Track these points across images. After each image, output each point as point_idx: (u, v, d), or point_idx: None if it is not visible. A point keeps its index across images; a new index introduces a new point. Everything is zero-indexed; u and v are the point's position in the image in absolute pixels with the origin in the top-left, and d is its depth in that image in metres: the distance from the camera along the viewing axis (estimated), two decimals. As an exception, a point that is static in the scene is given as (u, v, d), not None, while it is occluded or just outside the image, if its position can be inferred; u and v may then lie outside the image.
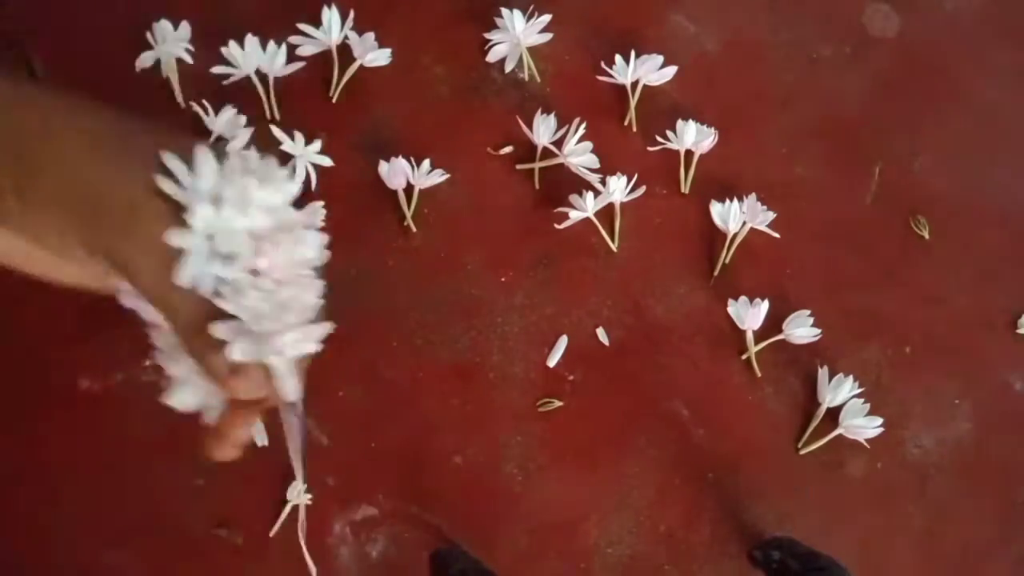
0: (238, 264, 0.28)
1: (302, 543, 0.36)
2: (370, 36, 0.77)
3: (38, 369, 0.69)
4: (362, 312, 0.71)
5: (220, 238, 0.28)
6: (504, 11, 0.77)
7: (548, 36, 0.79)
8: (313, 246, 0.31)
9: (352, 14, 0.77)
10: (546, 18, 0.78)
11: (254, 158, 0.29)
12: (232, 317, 0.29)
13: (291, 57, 0.76)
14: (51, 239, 0.28)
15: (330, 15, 0.76)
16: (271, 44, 0.75)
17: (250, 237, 0.28)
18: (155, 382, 0.69)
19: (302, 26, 0.76)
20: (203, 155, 0.27)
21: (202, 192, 0.28)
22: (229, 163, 0.28)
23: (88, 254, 0.28)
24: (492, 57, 0.78)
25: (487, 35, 0.78)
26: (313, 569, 0.37)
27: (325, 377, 0.70)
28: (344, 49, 0.77)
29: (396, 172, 0.73)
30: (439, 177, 0.74)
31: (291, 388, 0.32)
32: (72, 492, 0.67)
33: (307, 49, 0.77)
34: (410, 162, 0.73)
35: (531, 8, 0.78)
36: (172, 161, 0.27)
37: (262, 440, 0.68)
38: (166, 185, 0.27)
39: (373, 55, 0.77)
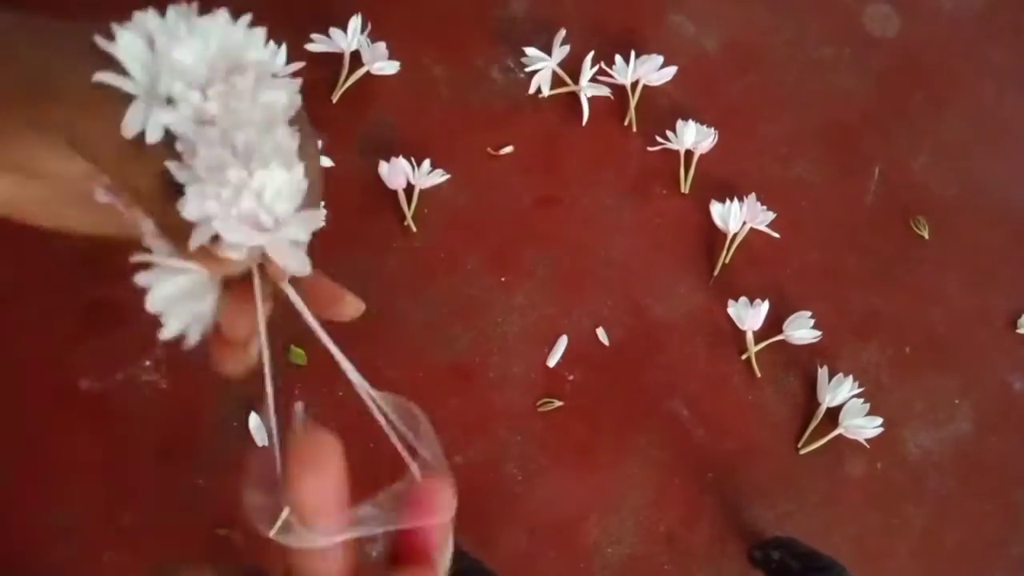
0: (184, 108, 0.24)
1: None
2: (381, 45, 0.77)
3: (38, 369, 0.69)
4: (362, 313, 0.71)
5: (161, 79, 0.24)
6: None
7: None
8: (282, 89, 0.25)
9: (359, 18, 0.77)
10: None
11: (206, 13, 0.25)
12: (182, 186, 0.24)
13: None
14: (13, 150, 0.26)
15: (355, 23, 0.76)
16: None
17: (201, 81, 0.24)
18: (155, 382, 0.69)
19: (317, 36, 0.76)
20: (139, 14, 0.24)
21: (126, 39, 0.23)
22: (171, 8, 0.24)
23: (49, 150, 0.26)
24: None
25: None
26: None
27: (325, 377, 0.70)
28: (352, 53, 0.77)
29: (396, 172, 0.73)
30: (439, 177, 0.74)
31: (292, 257, 0.26)
32: (72, 492, 0.67)
33: (317, 47, 0.77)
34: (410, 162, 0.73)
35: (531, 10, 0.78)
36: (114, 25, 0.24)
37: (262, 440, 0.69)
38: (101, 41, 0.24)
39: (382, 64, 0.77)
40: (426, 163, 0.74)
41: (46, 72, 0.25)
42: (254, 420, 0.69)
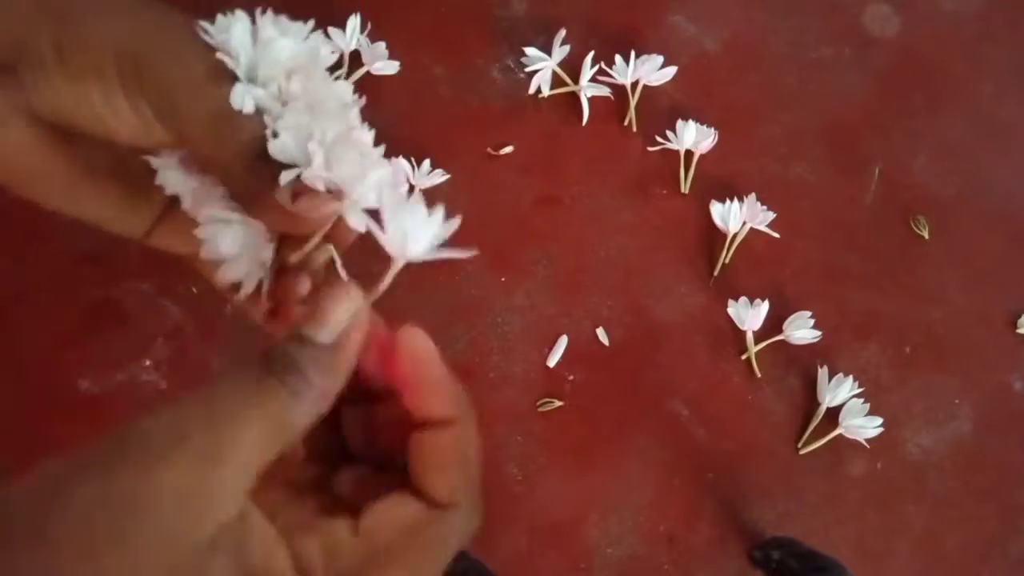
0: (272, 89, 0.29)
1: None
2: (381, 45, 0.77)
3: (38, 369, 0.69)
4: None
5: (260, 69, 0.29)
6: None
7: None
8: (343, 85, 0.32)
9: (358, 18, 0.77)
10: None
11: (283, 18, 0.32)
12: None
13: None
14: (92, 93, 0.27)
15: (354, 23, 0.76)
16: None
17: (285, 70, 0.30)
18: (155, 382, 0.69)
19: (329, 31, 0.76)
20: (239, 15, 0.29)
21: (243, 30, 0.29)
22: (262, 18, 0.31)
23: (130, 103, 0.28)
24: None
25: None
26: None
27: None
28: (352, 53, 0.77)
29: (396, 172, 0.73)
30: (439, 177, 0.74)
31: (360, 218, 0.31)
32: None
33: None
34: (410, 162, 0.73)
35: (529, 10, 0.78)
36: (220, 17, 0.29)
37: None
38: (210, 28, 0.29)
39: (381, 64, 0.77)
40: (426, 163, 0.74)
41: (151, 38, 0.27)
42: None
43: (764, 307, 0.72)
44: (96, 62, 0.27)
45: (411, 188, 0.30)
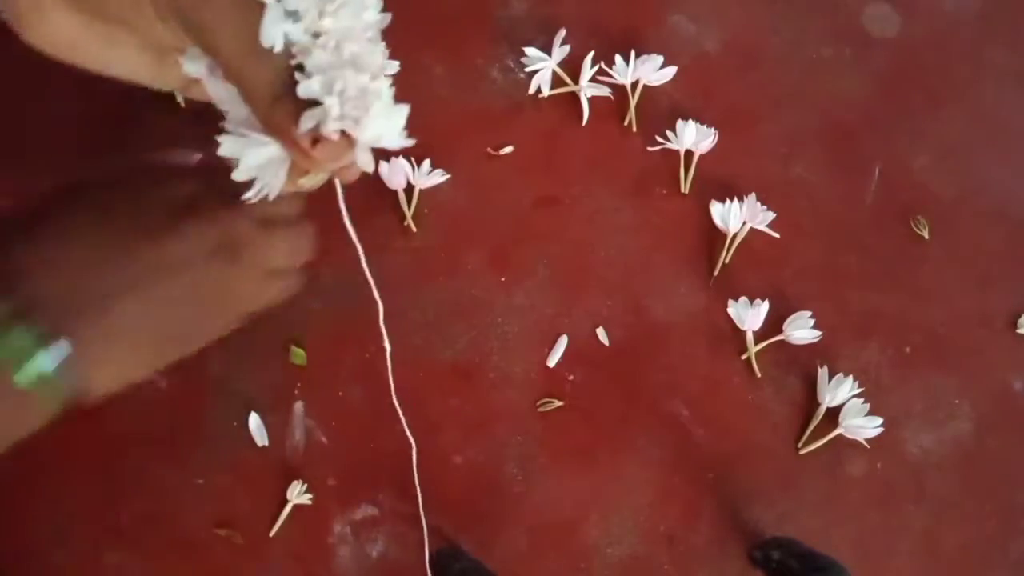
0: (304, 23, 0.29)
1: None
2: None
3: (38, 369, 0.69)
4: (362, 312, 0.71)
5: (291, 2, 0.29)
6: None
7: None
8: (373, 8, 0.32)
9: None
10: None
11: None
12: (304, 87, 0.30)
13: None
14: (125, 4, 0.30)
15: None
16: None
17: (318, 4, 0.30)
18: (155, 382, 0.69)
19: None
20: None
21: None
22: None
23: (162, 18, 0.30)
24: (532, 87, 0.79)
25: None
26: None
27: (325, 377, 0.70)
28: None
29: (396, 172, 0.73)
30: (439, 177, 0.74)
31: (368, 157, 0.33)
32: (71, 492, 0.67)
33: None
34: (410, 162, 0.73)
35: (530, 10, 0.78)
36: None
37: (262, 440, 0.69)
38: None
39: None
40: (426, 163, 0.74)
41: None
42: (254, 420, 0.69)
43: (764, 307, 0.72)
44: None
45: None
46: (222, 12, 0.28)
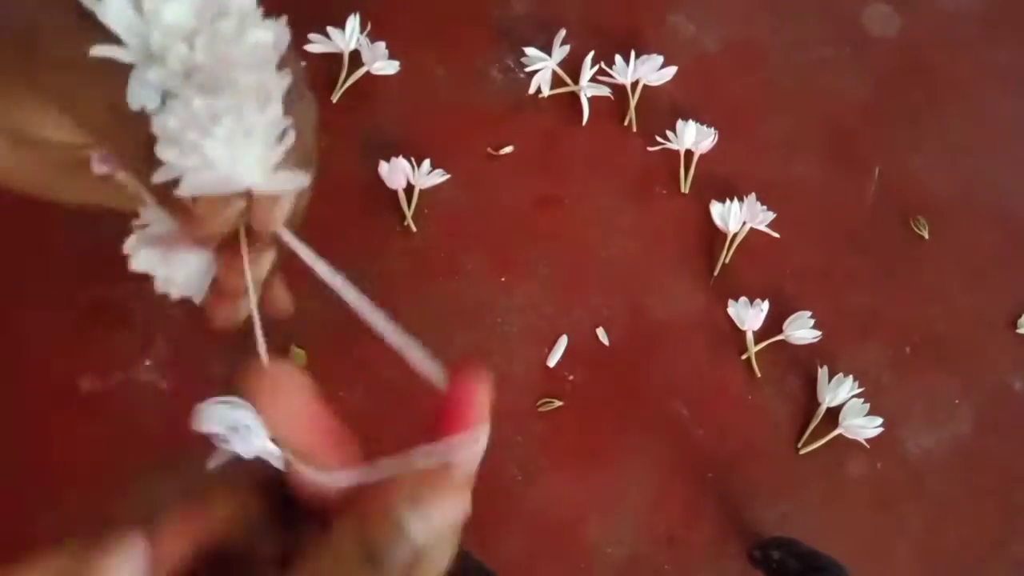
0: (171, 61, 0.24)
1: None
2: (381, 45, 0.77)
3: (38, 369, 0.69)
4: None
5: (152, 39, 0.23)
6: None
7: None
8: (270, 29, 0.25)
9: (358, 18, 0.77)
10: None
11: None
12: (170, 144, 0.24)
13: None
14: (4, 112, 0.26)
15: (353, 23, 0.76)
16: None
17: (184, 33, 0.24)
18: (155, 382, 0.69)
19: (315, 36, 0.76)
20: None
21: (114, 2, 0.23)
22: None
23: (41, 114, 0.25)
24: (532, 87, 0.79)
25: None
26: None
27: (325, 377, 0.70)
28: (352, 53, 0.77)
29: (396, 172, 0.73)
30: (439, 177, 0.74)
31: (273, 214, 0.26)
32: (71, 491, 0.67)
33: (316, 47, 0.77)
34: (410, 162, 0.73)
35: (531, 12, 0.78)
36: None
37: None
38: (86, 2, 0.23)
39: (381, 64, 0.77)
40: (426, 163, 0.74)
41: (35, 34, 0.24)
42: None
43: (764, 307, 0.72)
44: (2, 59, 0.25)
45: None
46: (87, 78, 0.24)
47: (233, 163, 0.24)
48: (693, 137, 0.76)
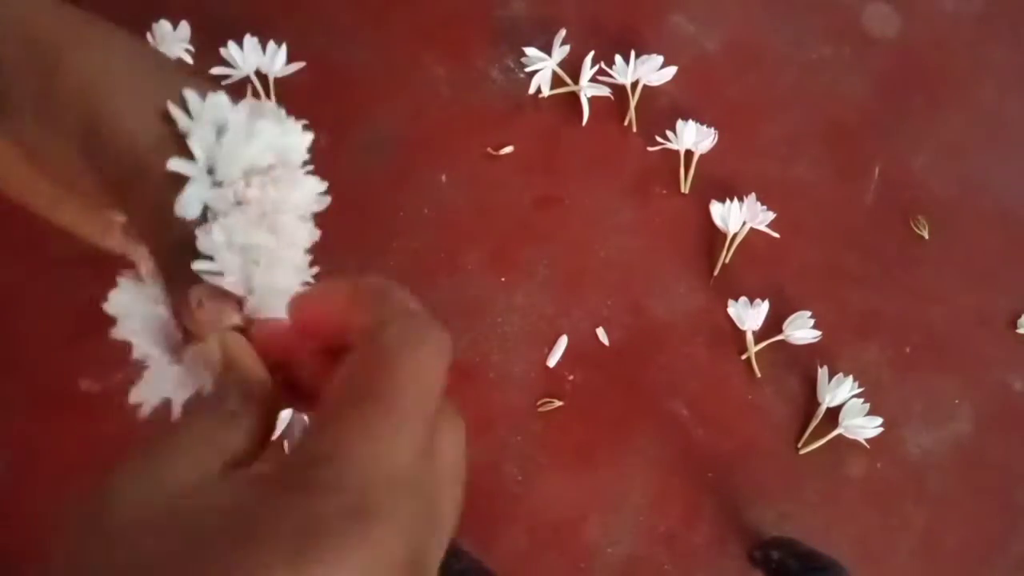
0: (228, 191, 0.27)
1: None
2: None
3: (38, 369, 0.69)
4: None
5: (219, 166, 0.27)
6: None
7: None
8: (311, 190, 0.29)
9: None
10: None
11: (269, 105, 0.28)
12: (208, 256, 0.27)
13: (291, 57, 0.76)
14: (56, 157, 0.28)
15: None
16: (271, 44, 0.75)
17: (246, 169, 0.27)
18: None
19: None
20: (217, 93, 0.27)
21: (208, 120, 0.27)
22: (241, 103, 0.28)
23: (86, 174, 0.27)
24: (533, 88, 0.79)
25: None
26: None
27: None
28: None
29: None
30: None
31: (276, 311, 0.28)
32: (71, 491, 0.67)
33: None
34: (410, 162, 0.73)
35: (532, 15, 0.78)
36: (190, 94, 0.27)
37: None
38: (175, 112, 0.27)
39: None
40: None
41: (118, 109, 0.26)
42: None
43: (764, 307, 0.72)
44: (63, 128, 0.27)
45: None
46: (141, 159, 0.26)
47: (261, 292, 0.28)
48: (693, 137, 0.76)
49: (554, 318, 0.74)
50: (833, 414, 0.71)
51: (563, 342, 0.73)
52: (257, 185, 0.27)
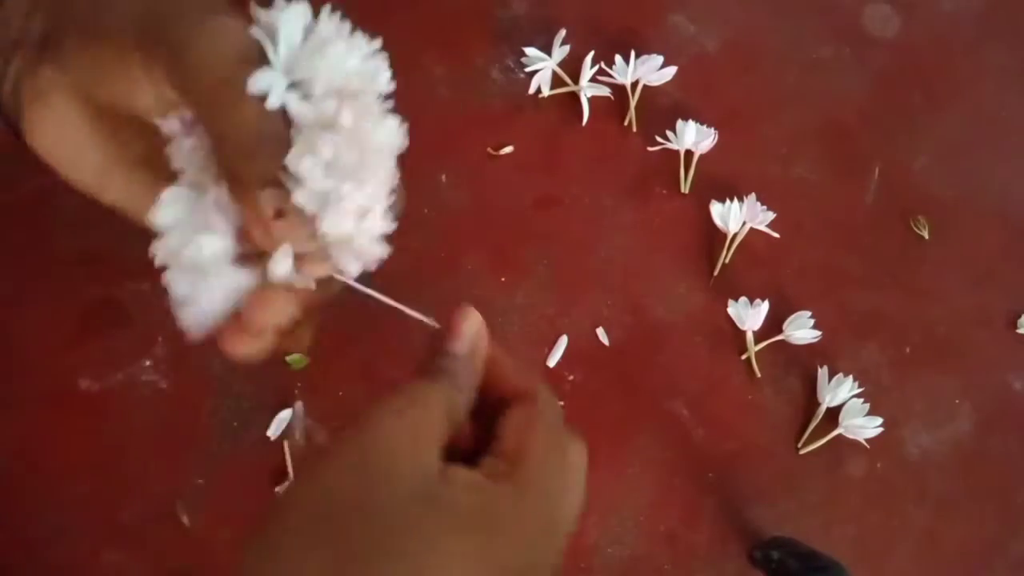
0: (315, 106, 0.25)
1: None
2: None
3: (38, 369, 0.69)
4: (362, 312, 0.71)
5: (301, 64, 0.25)
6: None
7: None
8: (393, 127, 0.29)
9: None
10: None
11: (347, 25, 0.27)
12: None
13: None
14: (110, 60, 0.27)
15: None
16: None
17: (335, 88, 0.26)
18: (155, 382, 0.69)
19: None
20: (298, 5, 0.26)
21: (290, 18, 0.25)
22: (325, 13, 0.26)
23: (146, 69, 0.26)
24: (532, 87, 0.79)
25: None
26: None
27: (325, 377, 0.70)
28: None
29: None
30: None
31: (351, 263, 0.29)
32: (72, 492, 0.67)
33: None
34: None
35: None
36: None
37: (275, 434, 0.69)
38: (258, 11, 0.25)
39: None
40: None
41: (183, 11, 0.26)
42: (283, 415, 0.69)
43: (764, 307, 0.72)
44: (116, 24, 0.26)
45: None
46: (211, 48, 0.25)
47: (337, 219, 0.26)
48: (693, 137, 0.76)
49: (554, 318, 0.74)
50: (833, 414, 0.71)
51: (563, 342, 0.73)
52: (350, 109, 0.26)
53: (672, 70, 0.79)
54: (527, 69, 0.78)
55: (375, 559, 0.23)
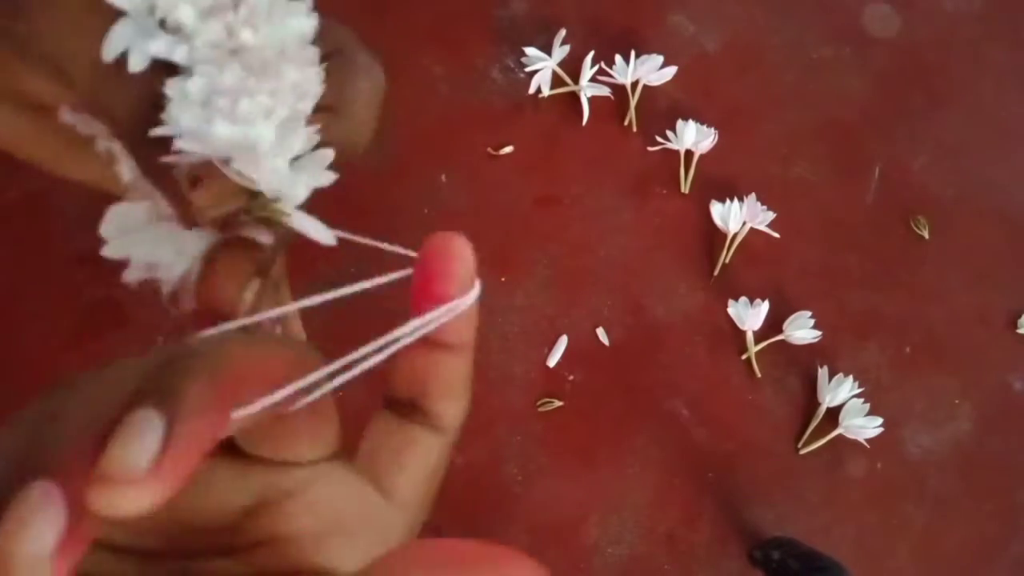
0: (194, 40, 0.20)
1: None
2: None
3: (38, 370, 0.69)
4: (362, 312, 0.71)
5: (162, 4, 0.20)
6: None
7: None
8: (302, 13, 0.22)
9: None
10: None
11: None
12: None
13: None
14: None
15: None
16: None
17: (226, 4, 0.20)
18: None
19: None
20: None
21: None
22: None
23: (29, 68, 0.23)
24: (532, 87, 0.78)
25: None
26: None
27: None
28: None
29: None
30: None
31: (294, 190, 0.23)
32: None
33: None
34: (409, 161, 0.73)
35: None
36: None
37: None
38: None
39: None
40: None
41: None
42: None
43: (764, 307, 0.72)
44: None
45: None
46: (76, 26, 0.21)
47: (264, 146, 0.21)
48: (693, 137, 0.76)
49: (554, 318, 0.74)
50: (833, 414, 0.71)
51: (563, 342, 0.73)
52: (241, 23, 0.21)
53: (672, 70, 0.79)
54: (527, 69, 0.78)
55: None
